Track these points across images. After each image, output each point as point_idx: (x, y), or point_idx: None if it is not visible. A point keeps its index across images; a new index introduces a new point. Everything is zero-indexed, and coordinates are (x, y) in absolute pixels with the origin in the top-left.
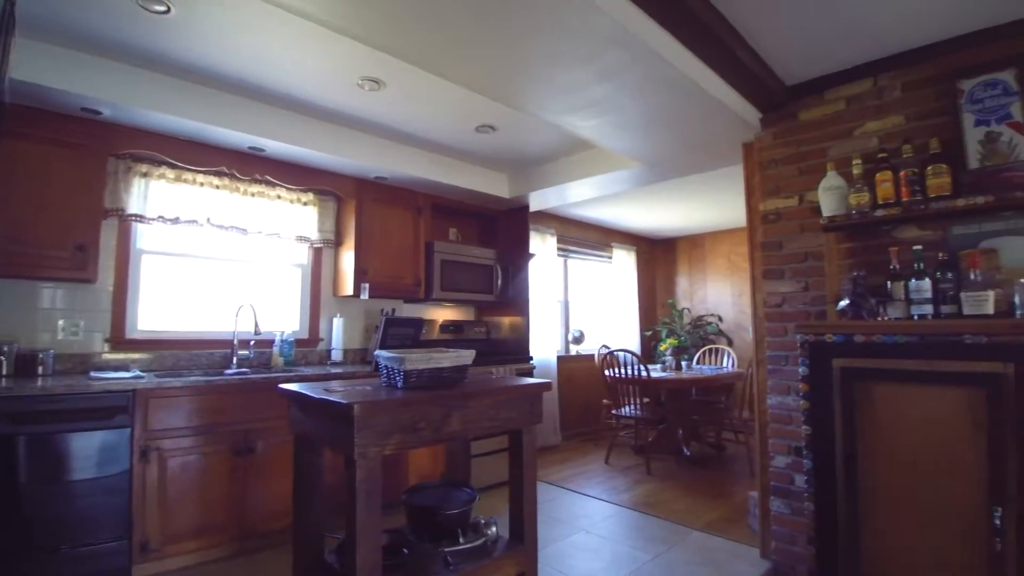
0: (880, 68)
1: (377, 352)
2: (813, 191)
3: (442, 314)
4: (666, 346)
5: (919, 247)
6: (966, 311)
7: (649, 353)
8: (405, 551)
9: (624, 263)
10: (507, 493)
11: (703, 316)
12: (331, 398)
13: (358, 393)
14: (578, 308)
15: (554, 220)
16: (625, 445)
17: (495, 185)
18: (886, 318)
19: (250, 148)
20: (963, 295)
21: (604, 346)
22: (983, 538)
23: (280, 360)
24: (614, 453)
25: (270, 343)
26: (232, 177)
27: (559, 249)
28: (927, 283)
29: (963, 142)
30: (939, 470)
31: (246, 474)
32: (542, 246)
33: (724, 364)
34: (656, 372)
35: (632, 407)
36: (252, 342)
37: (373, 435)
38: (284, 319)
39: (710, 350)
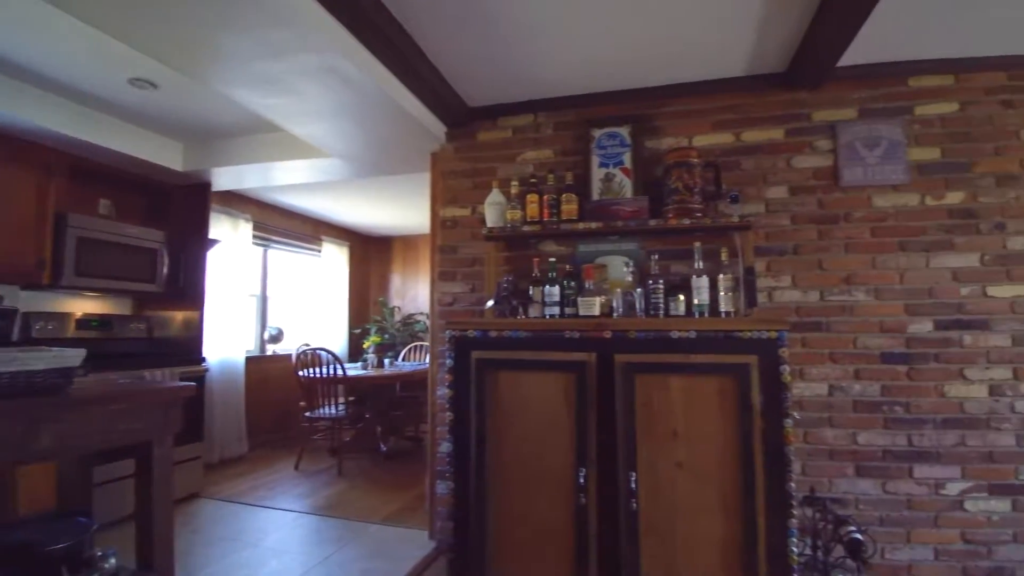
0: (540, 107)
1: None
2: (482, 204)
3: (83, 306)
4: (369, 344)
5: (554, 259)
6: (581, 312)
7: (360, 352)
8: None
9: (335, 258)
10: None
11: (413, 315)
12: None
13: None
14: (279, 304)
15: (252, 204)
16: (322, 448)
17: (164, 154)
18: (522, 316)
19: None
20: (580, 299)
21: (304, 344)
22: (572, 494)
23: None
24: (310, 457)
25: None
26: None
27: (257, 237)
28: (557, 289)
29: (590, 178)
30: (545, 442)
31: None
32: (233, 232)
33: (427, 360)
34: (356, 370)
35: (330, 407)
36: None
37: None
38: None
39: (416, 347)
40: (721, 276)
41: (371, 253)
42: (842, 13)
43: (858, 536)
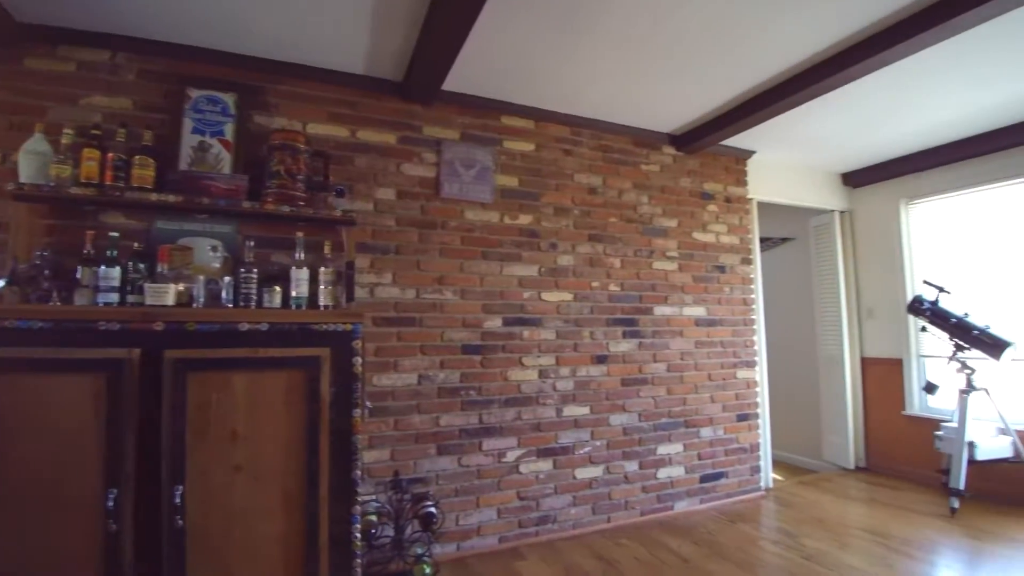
0: (121, 46)
1: None
2: (18, 152)
3: None
4: None
5: (116, 234)
6: (149, 301)
7: None
8: None
9: None
10: None
11: None
12: None
13: None
14: None
15: None
16: None
17: None
18: (57, 303)
19: None
20: (147, 286)
21: None
22: (100, 522)
23: None
24: None
25: None
26: None
27: None
28: (117, 271)
29: (180, 144)
30: (62, 462)
31: None
32: None
33: None
34: None
35: None
36: None
37: None
38: None
39: None
40: (323, 269)
41: None
42: (440, 36)
43: (431, 510)
